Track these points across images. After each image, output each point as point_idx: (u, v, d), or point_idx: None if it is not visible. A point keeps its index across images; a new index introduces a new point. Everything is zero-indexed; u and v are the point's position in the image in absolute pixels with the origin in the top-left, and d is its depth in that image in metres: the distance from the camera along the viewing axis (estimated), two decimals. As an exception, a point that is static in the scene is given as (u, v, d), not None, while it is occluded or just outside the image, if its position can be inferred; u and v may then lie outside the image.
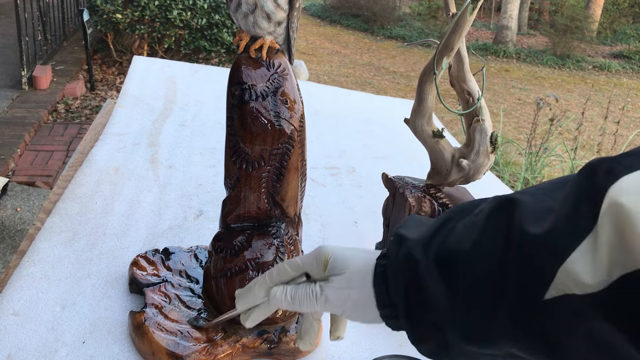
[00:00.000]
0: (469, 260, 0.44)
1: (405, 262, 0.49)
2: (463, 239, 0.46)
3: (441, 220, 0.50)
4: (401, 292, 0.49)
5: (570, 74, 9.10)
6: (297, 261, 0.57)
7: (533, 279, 0.40)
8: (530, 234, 0.40)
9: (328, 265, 0.55)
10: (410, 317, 0.49)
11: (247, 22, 0.73)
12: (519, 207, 0.42)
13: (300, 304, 0.55)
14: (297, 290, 0.56)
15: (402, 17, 11.36)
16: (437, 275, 0.46)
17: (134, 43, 5.10)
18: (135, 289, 0.83)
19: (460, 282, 0.45)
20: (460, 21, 0.79)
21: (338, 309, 0.55)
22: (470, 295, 0.44)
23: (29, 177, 3.20)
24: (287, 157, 0.75)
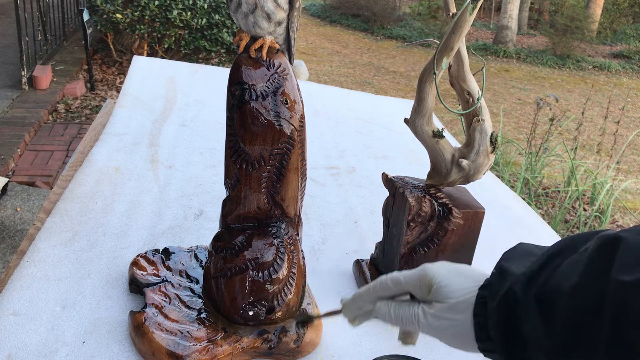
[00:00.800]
0: (569, 301, 0.45)
1: (506, 298, 0.49)
2: (565, 278, 0.46)
3: (549, 254, 0.49)
4: (500, 328, 0.50)
5: (570, 74, 9.10)
6: (400, 279, 0.58)
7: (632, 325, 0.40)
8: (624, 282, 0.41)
9: (431, 290, 0.56)
10: (509, 353, 0.50)
11: (247, 22, 0.73)
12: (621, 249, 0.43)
13: (403, 323, 0.58)
14: (401, 309, 0.58)
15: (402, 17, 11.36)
16: (535, 313, 0.47)
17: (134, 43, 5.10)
18: (135, 289, 0.83)
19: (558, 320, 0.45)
20: (460, 21, 0.79)
21: (438, 335, 0.56)
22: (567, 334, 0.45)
23: (29, 177, 3.20)
24: (287, 157, 0.75)
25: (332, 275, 0.97)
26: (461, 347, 0.56)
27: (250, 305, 0.75)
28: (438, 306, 0.55)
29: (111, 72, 5.18)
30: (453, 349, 0.84)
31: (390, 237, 0.90)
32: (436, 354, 0.83)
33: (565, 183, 3.71)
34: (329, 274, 0.97)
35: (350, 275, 0.98)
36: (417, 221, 0.84)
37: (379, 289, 0.60)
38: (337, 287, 0.94)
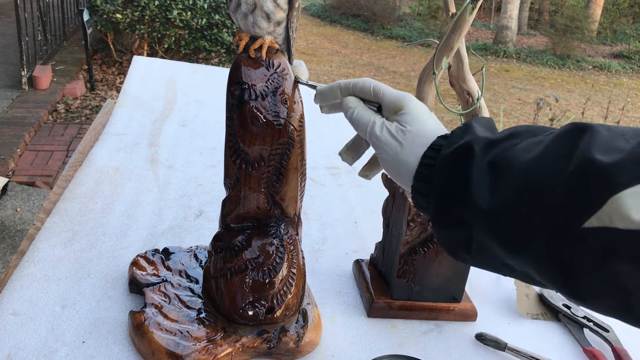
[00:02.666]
0: (524, 172, 0.44)
1: (462, 150, 0.49)
2: (525, 151, 0.46)
3: (509, 132, 0.50)
4: (445, 176, 0.50)
5: (570, 74, 9.10)
6: (381, 89, 0.61)
7: (580, 202, 0.39)
8: (593, 159, 0.40)
9: (399, 113, 0.58)
10: (442, 203, 0.50)
11: (246, 22, 0.73)
12: (590, 135, 0.42)
13: (358, 125, 0.61)
14: (364, 112, 0.61)
15: (402, 17, 11.36)
16: (486, 176, 0.46)
17: (134, 43, 5.10)
18: (135, 288, 0.83)
19: (507, 190, 0.45)
20: (459, 21, 0.79)
21: (380, 150, 0.58)
22: (513, 202, 0.44)
23: (29, 177, 3.20)
24: (287, 157, 0.75)
25: (332, 275, 0.97)
26: (394, 175, 0.57)
27: (250, 305, 0.75)
28: (396, 126, 0.57)
29: (111, 72, 5.18)
30: (453, 349, 0.84)
31: (390, 237, 0.90)
32: (436, 354, 0.83)
33: (565, 183, 3.70)
34: (328, 274, 0.97)
35: (350, 275, 0.98)
36: (417, 221, 0.84)
37: (359, 88, 0.63)
38: (337, 287, 0.94)
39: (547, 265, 0.42)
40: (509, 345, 0.83)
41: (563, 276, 0.41)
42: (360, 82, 0.63)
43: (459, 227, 0.48)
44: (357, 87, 0.63)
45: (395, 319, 0.89)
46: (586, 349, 0.86)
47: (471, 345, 0.85)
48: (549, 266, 0.42)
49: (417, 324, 0.88)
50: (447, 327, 0.89)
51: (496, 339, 0.84)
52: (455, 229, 0.49)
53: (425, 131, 0.55)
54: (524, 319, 0.93)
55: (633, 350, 0.87)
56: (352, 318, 0.87)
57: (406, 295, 0.89)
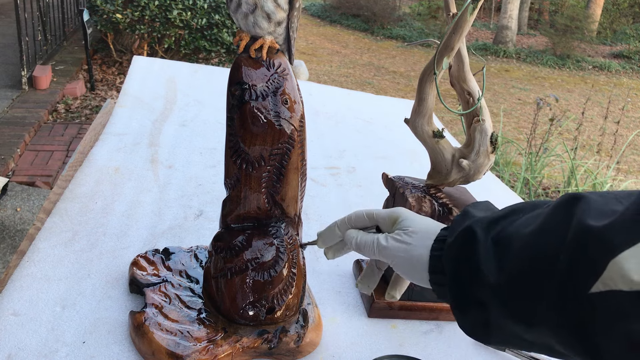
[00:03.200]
0: (526, 245, 0.46)
1: (464, 234, 0.52)
2: (526, 225, 0.48)
3: (509, 210, 0.52)
4: (454, 261, 0.52)
5: (570, 74, 9.10)
6: (373, 213, 0.66)
7: (583, 269, 0.41)
8: (588, 226, 0.41)
9: (396, 223, 0.62)
10: (457, 288, 0.52)
11: (247, 22, 0.73)
12: (584, 203, 0.43)
13: (362, 249, 0.64)
14: (366, 237, 0.65)
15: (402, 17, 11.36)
16: (492, 253, 0.49)
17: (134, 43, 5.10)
18: (135, 289, 0.83)
19: (513, 263, 0.46)
20: (460, 21, 0.79)
21: (391, 257, 0.61)
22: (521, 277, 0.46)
23: (29, 177, 3.20)
24: (287, 157, 0.75)
25: (332, 275, 0.97)
26: (411, 277, 0.60)
27: (250, 305, 0.75)
28: (399, 232, 0.61)
29: (111, 72, 5.18)
30: (453, 349, 0.84)
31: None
32: (436, 354, 0.83)
33: (565, 183, 3.71)
34: (329, 274, 0.97)
35: (350, 275, 0.98)
36: (417, 221, 0.84)
37: (354, 219, 0.68)
38: (337, 287, 0.94)
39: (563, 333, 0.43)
40: (510, 346, 0.83)
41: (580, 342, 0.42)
42: (353, 215, 0.68)
43: (476, 309, 0.50)
44: (351, 219, 0.68)
45: (396, 319, 0.89)
46: (586, 349, 0.86)
47: (471, 345, 0.85)
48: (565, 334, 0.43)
49: (418, 324, 0.88)
50: (448, 327, 0.89)
51: (496, 339, 0.84)
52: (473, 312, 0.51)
53: (427, 227, 0.59)
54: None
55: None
56: (353, 318, 0.87)
57: (406, 295, 0.89)
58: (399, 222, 0.62)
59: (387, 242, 0.61)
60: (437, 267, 0.55)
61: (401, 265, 0.60)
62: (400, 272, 0.60)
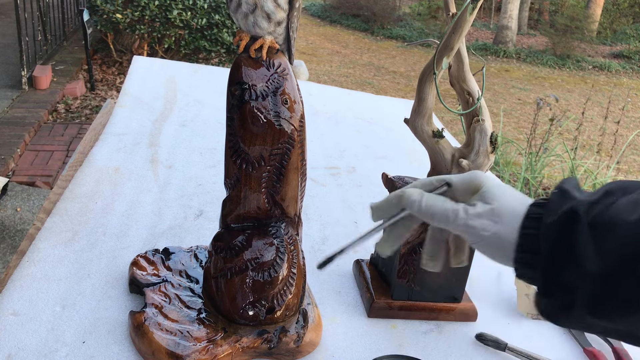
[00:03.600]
0: (628, 233, 0.44)
1: (568, 215, 0.49)
2: (625, 211, 0.46)
3: (603, 191, 0.50)
4: (552, 243, 0.49)
5: (570, 74, 9.10)
6: (444, 177, 0.57)
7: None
8: None
9: (479, 192, 0.55)
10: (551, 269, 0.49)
11: (247, 22, 0.73)
12: None
13: (433, 216, 0.55)
14: (435, 202, 0.55)
15: (402, 17, 11.36)
16: (590, 238, 0.46)
17: (134, 43, 5.10)
18: (135, 289, 0.83)
19: (614, 251, 0.45)
20: (460, 21, 0.79)
21: (471, 237, 0.55)
22: (621, 267, 0.44)
23: (29, 177, 3.20)
24: (287, 157, 0.75)
25: (332, 275, 0.97)
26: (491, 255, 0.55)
27: (250, 305, 0.75)
28: (481, 206, 0.54)
29: (111, 72, 5.18)
30: (453, 349, 0.84)
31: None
32: (436, 354, 0.83)
33: (565, 183, 3.70)
34: (329, 274, 0.97)
35: (350, 275, 0.98)
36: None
37: (419, 184, 0.58)
38: (337, 287, 0.94)
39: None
40: (509, 346, 0.83)
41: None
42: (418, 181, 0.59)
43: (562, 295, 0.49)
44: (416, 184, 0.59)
45: (396, 319, 0.89)
46: (586, 349, 0.86)
47: (471, 345, 0.85)
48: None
49: (417, 324, 0.88)
50: (447, 327, 0.89)
51: (496, 339, 0.84)
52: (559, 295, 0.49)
53: (513, 203, 0.54)
54: (524, 319, 0.93)
55: (633, 350, 0.87)
56: (352, 318, 0.87)
57: (406, 295, 0.89)
58: (481, 191, 0.55)
59: (467, 217, 0.54)
60: (528, 246, 0.51)
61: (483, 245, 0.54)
62: (481, 250, 0.55)
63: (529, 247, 0.51)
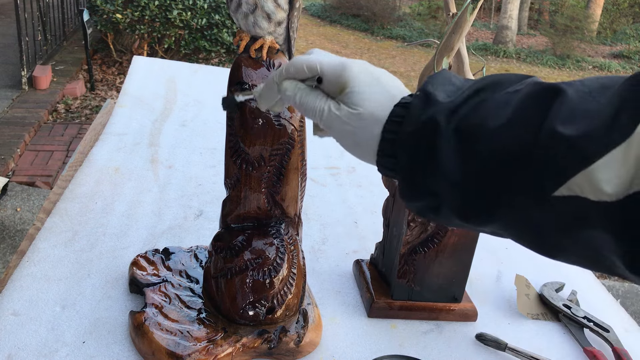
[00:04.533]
0: (492, 140, 0.43)
1: (426, 126, 0.47)
2: (492, 115, 0.44)
3: (473, 89, 0.47)
4: (411, 150, 0.48)
5: (570, 74, 9.10)
6: (316, 67, 0.56)
7: (550, 173, 0.39)
8: (561, 133, 0.39)
9: (345, 92, 0.53)
10: (411, 175, 0.48)
11: (247, 22, 0.73)
12: (559, 101, 0.41)
13: (306, 111, 0.56)
14: (308, 97, 0.56)
15: (402, 17, 11.36)
16: (453, 145, 0.45)
17: (134, 43, 5.10)
18: (135, 289, 0.83)
19: (475, 158, 0.44)
20: (460, 21, 0.79)
21: (336, 137, 0.55)
22: (482, 174, 0.43)
23: (29, 177, 3.20)
24: (287, 157, 0.75)
25: (332, 275, 0.97)
26: (356, 154, 0.54)
27: (250, 305, 0.75)
28: (345, 110, 0.53)
29: (111, 72, 5.18)
30: (453, 349, 0.84)
31: (390, 237, 0.90)
32: (436, 354, 0.83)
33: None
34: (329, 274, 0.97)
35: (350, 275, 0.98)
36: (417, 221, 0.84)
37: (292, 70, 0.57)
38: (337, 287, 0.94)
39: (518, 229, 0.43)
40: (509, 346, 0.83)
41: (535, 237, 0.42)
42: (291, 64, 0.57)
43: (428, 198, 0.48)
44: (290, 71, 0.57)
45: (396, 319, 0.89)
46: (586, 349, 0.86)
47: (471, 345, 0.85)
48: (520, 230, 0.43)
49: (418, 324, 0.88)
50: (448, 327, 0.89)
51: (496, 339, 0.84)
52: (424, 199, 0.48)
53: (378, 106, 0.51)
54: (524, 319, 0.93)
55: (633, 350, 0.87)
56: (353, 318, 0.87)
57: (406, 295, 0.89)
58: (346, 92, 0.53)
59: (330, 118, 0.53)
60: (388, 150, 0.50)
61: (346, 145, 0.54)
62: (345, 148, 0.55)
63: (389, 152, 0.50)
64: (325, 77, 0.55)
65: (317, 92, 0.56)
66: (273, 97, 0.61)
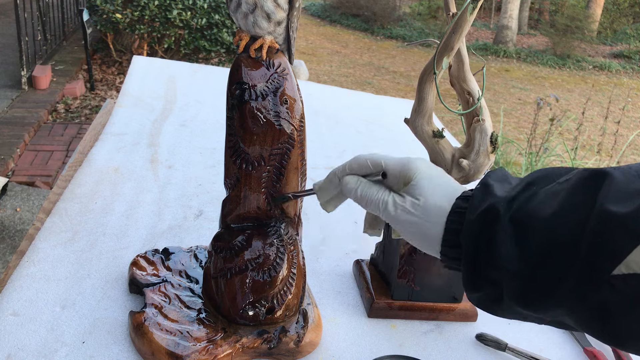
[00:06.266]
0: (546, 228, 0.44)
1: (487, 214, 0.48)
2: (544, 205, 0.45)
3: (525, 182, 0.49)
4: (473, 240, 0.49)
5: (570, 73, 9.10)
6: (381, 162, 0.58)
7: (605, 254, 0.40)
8: (612, 212, 0.40)
9: (409, 184, 0.55)
10: (473, 265, 0.50)
11: (247, 21, 0.72)
12: (607, 183, 0.42)
13: (367, 204, 0.57)
14: (370, 190, 0.57)
15: (402, 17, 11.36)
16: (511, 235, 0.46)
17: (133, 43, 5.09)
18: (135, 289, 0.83)
19: (532, 247, 0.45)
20: (460, 21, 0.79)
21: (400, 229, 0.56)
22: (540, 262, 0.44)
23: (28, 177, 3.20)
24: (287, 157, 0.75)
25: (332, 275, 0.97)
26: (421, 245, 0.55)
27: (250, 305, 0.74)
28: (410, 201, 0.55)
29: (111, 72, 5.18)
30: (453, 350, 0.84)
31: (390, 237, 0.90)
32: (436, 354, 0.83)
33: (565, 183, 3.70)
34: (329, 274, 0.97)
35: (350, 275, 0.97)
36: (417, 221, 0.84)
37: (356, 167, 0.60)
38: (337, 287, 0.94)
39: (581, 314, 0.43)
40: (510, 346, 0.83)
41: (599, 323, 0.42)
42: (354, 161, 0.60)
43: (489, 287, 0.49)
44: (353, 166, 0.60)
45: (396, 319, 0.88)
46: (586, 349, 0.86)
47: (471, 345, 0.85)
48: (584, 315, 0.43)
49: (418, 324, 0.88)
50: (448, 328, 0.88)
51: (496, 339, 0.84)
52: (485, 289, 0.50)
53: (441, 198, 0.54)
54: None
55: (634, 351, 0.87)
56: (353, 318, 0.87)
57: (406, 295, 0.89)
58: (411, 184, 0.55)
59: (395, 211, 0.55)
60: (452, 241, 0.52)
61: (409, 237, 0.55)
62: (409, 240, 0.56)
63: (454, 242, 0.52)
64: (389, 171, 0.58)
65: (378, 185, 0.58)
66: (332, 191, 0.63)
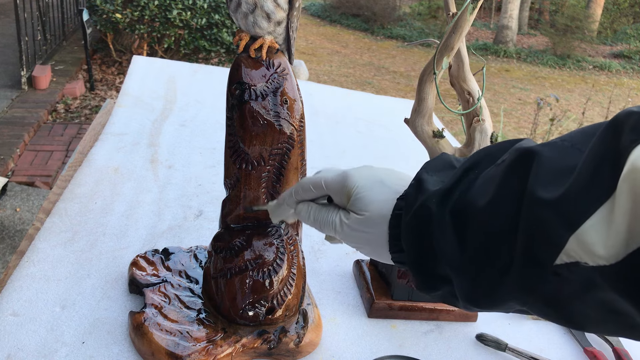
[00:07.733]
0: (483, 218, 0.42)
1: (419, 213, 0.47)
2: (480, 193, 0.43)
3: (464, 168, 0.47)
4: (412, 241, 0.48)
5: (570, 73, 9.10)
6: (321, 183, 0.58)
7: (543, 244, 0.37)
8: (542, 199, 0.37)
9: (351, 200, 0.55)
10: (418, 267, 0.48)
11: (246, 21, 0.72)
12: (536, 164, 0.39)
13: (322, 228, 0.58)
14: (320, 213, 0.58)
15: (402, 17, 11.36)
16: (450, 229, 0.44)
17: (133, 43, 5.09)
18: (134, 289, 0.83)
19: (471, 238, 0.43)
20: (460, 21, 0.79)
21: (353, 246, 0.56)
22: (480, 254, 0.42)
23: (28, 177, 3.20)
24: (287, 157, 0.75)
25: (332, 275, 0.97)
26: (377, 258, 0.55)
27: (250, 305, 0.74)
28: (354, 218, 0.54)
29: (111, 72, 5.18)
30: (453, 350, 0.84)
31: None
32: (436, 355, 0.83)
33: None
34: (329, 274, 0.97)
35: (350, 275, 0.97)
36: (417, 221, 0.84)
37: (301, 192, 0.60)
38: (337, 287, 0.94)
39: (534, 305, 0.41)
40: (510, 346, 0.83)
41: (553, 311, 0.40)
42: (299, 186, 0.60)
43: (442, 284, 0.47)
44: (298, 193, 0.60)
45: (396, 319, 0.88)
46: (587, 349, 0.86)
47: (472, 345, 0.85)
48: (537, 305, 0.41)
49: (418, 325, 0.88)
50: (448, 328, 0.88)
51: (497, 340, 0.84)
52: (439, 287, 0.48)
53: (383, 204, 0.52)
54: (524, 319, 0.93)
55: (633, 350, 0.87)
56: (353, 318, 0.87)
57: (406, 295, 0.88)
58: (352, 200, 0.54)
59: (343, 230, 0.55)
60: (398, 246, 0.50)
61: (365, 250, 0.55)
62: (366, 254, 0.56)
63: (398, 247, 0.50)
64: (331, 192, 0.57)
65: (329, 207, 0.58)
66: (284, 214, 0.64)
